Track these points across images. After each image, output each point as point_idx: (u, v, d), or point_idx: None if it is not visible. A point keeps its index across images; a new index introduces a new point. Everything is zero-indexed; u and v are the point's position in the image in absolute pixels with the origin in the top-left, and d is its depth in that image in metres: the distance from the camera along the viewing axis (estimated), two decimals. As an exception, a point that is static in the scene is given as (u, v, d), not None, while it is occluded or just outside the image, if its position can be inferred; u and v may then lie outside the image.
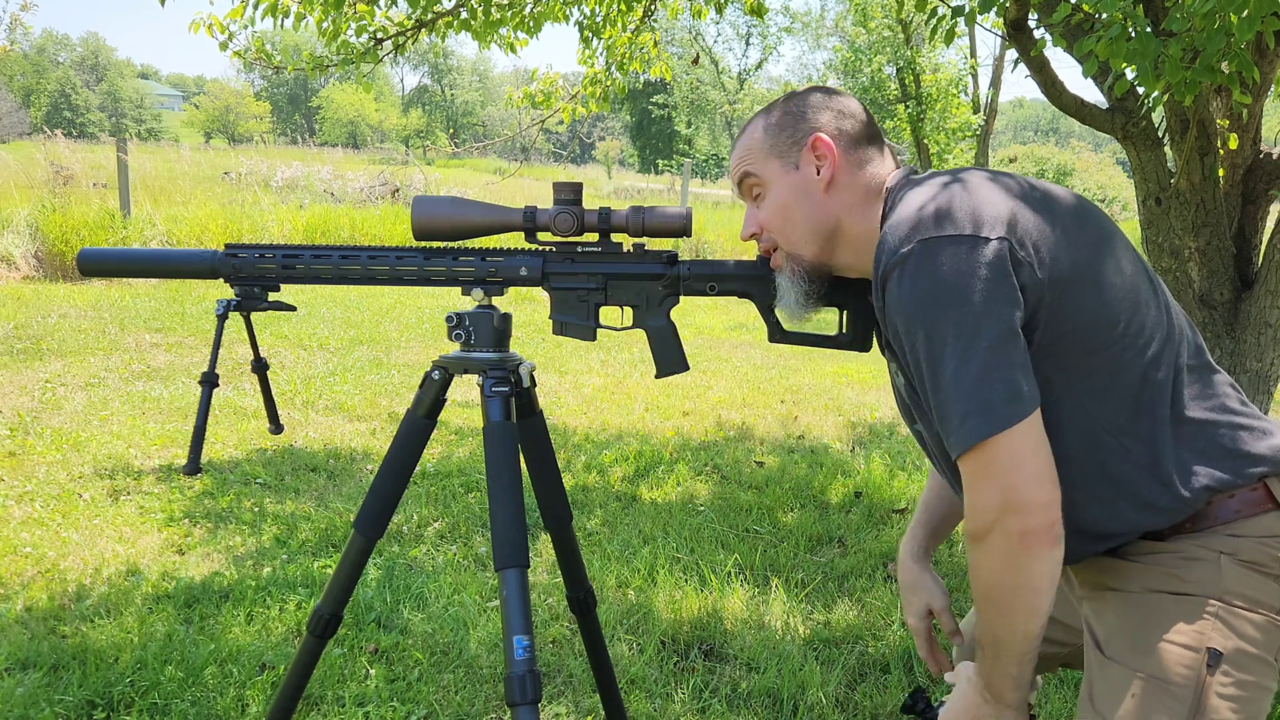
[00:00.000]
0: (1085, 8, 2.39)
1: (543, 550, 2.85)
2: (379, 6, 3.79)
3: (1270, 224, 2.62)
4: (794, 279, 1.26)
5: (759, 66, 40.15)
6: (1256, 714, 1.08)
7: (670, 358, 1.40)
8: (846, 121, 1.24)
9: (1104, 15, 1.98)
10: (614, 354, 6.05)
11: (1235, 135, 2.51)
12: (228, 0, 3.67)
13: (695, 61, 31.83)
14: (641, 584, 2.63)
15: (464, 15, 3.87)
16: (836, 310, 1.39)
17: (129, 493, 3.18)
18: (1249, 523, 1.10)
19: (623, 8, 4.13)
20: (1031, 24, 2.53)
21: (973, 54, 15.97)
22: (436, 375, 1.39)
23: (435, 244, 1.37)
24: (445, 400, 1.40)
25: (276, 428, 3.84)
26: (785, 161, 1.23)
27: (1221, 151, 2.53)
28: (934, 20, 2.59)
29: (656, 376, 1.41)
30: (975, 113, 15.94)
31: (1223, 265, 2.53)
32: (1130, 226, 10.77)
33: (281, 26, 3.69)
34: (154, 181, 10.70)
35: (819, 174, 1.22)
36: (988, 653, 1.10)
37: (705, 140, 41.69)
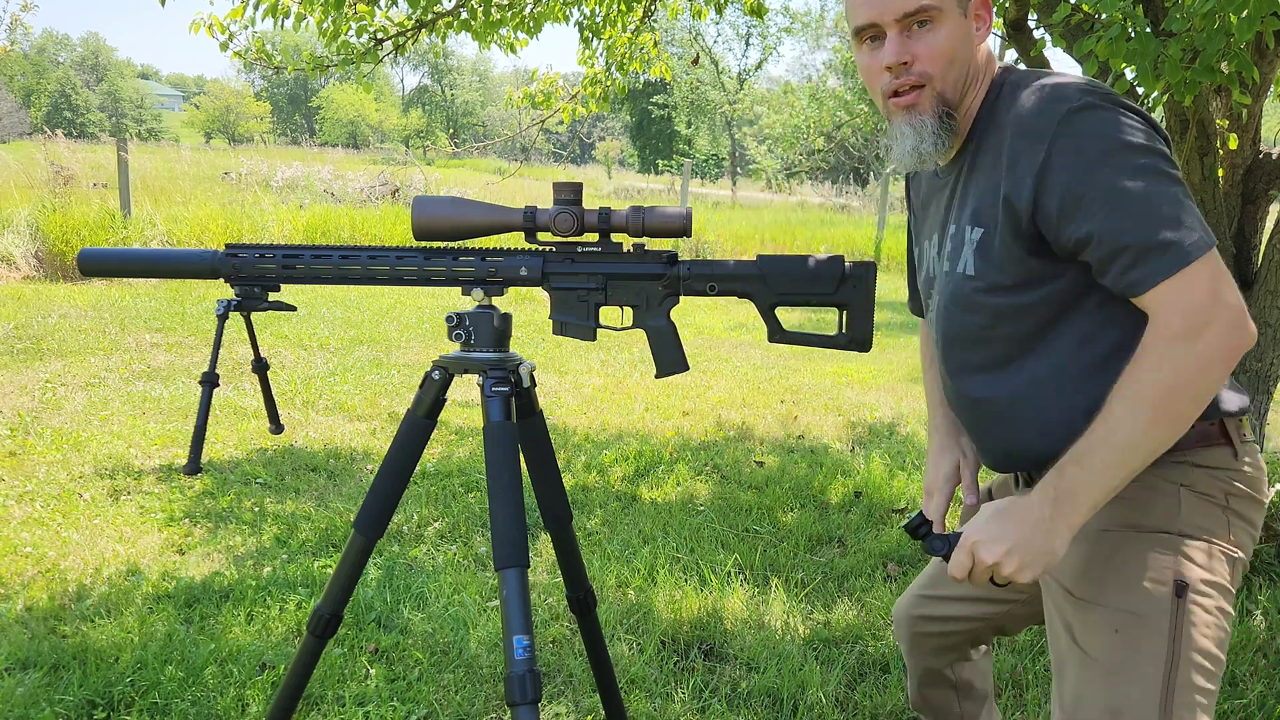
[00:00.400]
0: (1085, 8, 2.39)
1: (543, 550, 2.85)
2: (379, 7, 3.79)
3: (1270, 224, 2.62)
4: (942, 121, 1.22)
5: (759, 67, 40.17)
6: (1224, 638, 1.15)
7: (670, 358, 1.40)
8: None
9: (1104, 15, 1.98)
10: (614, 354, 6.05)
11: (1235, 135, 2.52)
12: (228, 1, 3.67)
13: (695, 62, 31.84)
14: (641, 584, 2.63)
15: (464, 15, 3.88)
16: (836, 310, 1.39)
17: (129, 492, 3.18)
18: (1203, 453, 1.19)
19: (623, 8, 4.13)
20: (1031, 24, 2.54)
21: (973, 54, 15.94)
22: (437, 375, 1.39)
23: (435, 244, 1.38)
24: (445, 400, 1.40)
25: (277, 428, 3.84)
26: (961, 4, 1.21)
27: (1221, 152, 2.54)
28: (934, 20, 2.59)
29: (656, 376, 1.41)
30: (975, 113, 15.90)
31: (1222, 265, 2.53)
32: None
33: (282, 27, 3.70)
34: (154, 181, 10.70)
35: (978, 31, 1.23)
36: (1098, 460, 1.08)
37: (705, 140, 41.69)
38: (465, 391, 4.65)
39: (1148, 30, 1.95)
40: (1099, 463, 1.08)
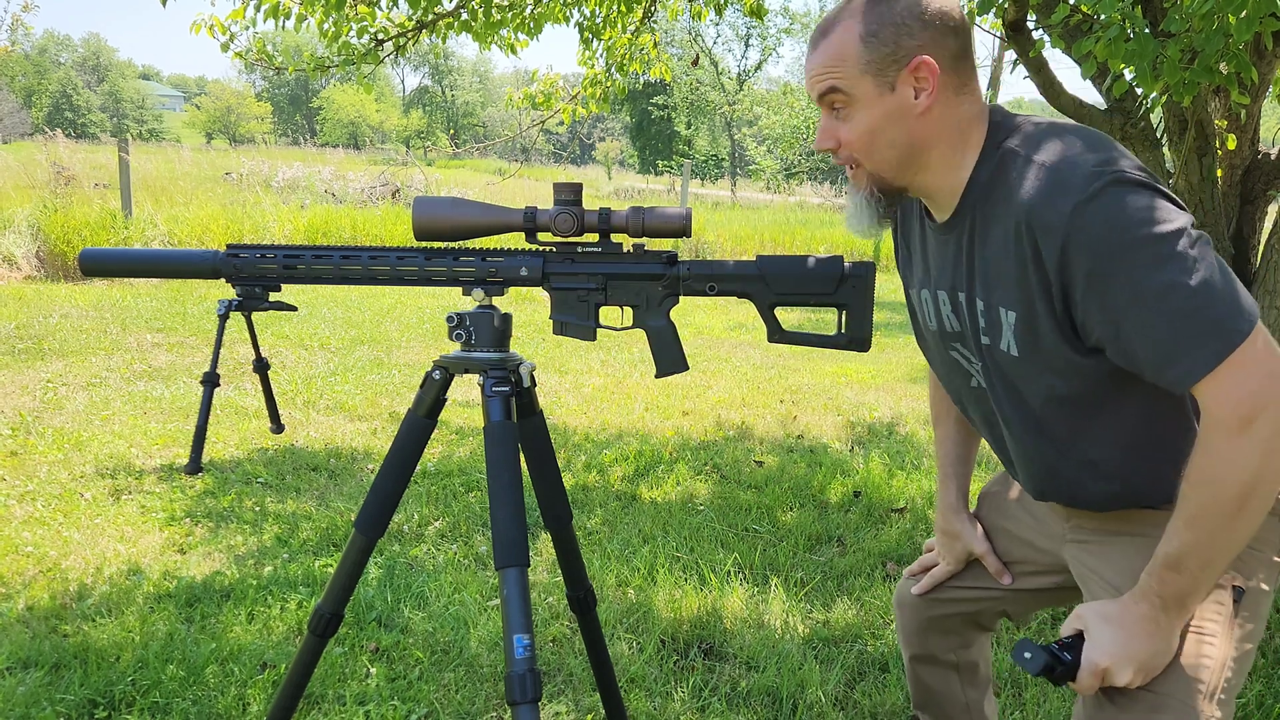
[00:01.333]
0: (1084, 9, 2.40)
1: (543, 549, 2.86)
2: (380, 8, 3.80)
3: (1268, 224, 2.63)
4: (871, 201, 1.20)
5: (758, 67, 40.16)
6: (1254, 645, 1.17)
7: (670, 358, 1.40)
8: (949, 39, 1.12)
9: (1103, 16, 1.98)
10: (614, 354, 6.05)
11: (1233, 136, 2.52)
12: (229, 1, 3.69)
13: (695, 63, 31.81)
14: (641, 583, 2.64)
15: (465, 16, 3.89)
16: (836, 310, 1.39)
17: (130, 492, 3.19)
18: None
19: (623, 9, 4.14)
20: (1030, 25, 2.54)
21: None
22: (437, 375, 1.39)
23: (436, 244, 1.38)
24: (446, 400, 1.41)
25: (277, 427, 3.85)
26: (881, 81, 1.11)
27: (1220, 152, 2.54)
28: (933, 21, 2.59)
29: (656, 376, 1.42)
30: (975, 113, 15.91)
31: (1221, 265, 2.53)
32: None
33: (282, 28, 3.71)
34: (155, 182, 10.72)
35: (916, 99, 1.12)
36: (1195, 563, 1.06)
37: (705, 141, 41.70)
38: (466, 391, 4.65)
39: (1146, 31, 1.96)
40: (1196, 564, 1.06)
